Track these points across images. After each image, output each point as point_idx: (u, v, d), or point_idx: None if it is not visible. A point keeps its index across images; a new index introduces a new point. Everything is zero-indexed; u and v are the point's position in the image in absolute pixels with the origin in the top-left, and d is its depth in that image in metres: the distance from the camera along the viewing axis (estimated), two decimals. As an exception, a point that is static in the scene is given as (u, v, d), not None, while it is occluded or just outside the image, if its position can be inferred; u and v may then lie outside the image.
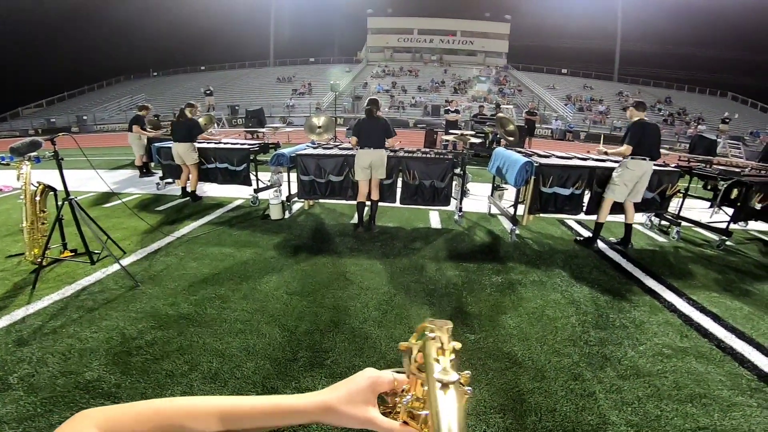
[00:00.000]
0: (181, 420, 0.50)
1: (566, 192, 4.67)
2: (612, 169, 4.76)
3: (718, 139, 18.21)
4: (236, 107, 26.11)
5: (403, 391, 0.54)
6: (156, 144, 6.97)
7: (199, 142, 6.30)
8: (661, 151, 4.67)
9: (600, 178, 4.77)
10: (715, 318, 3.29)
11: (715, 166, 5.58)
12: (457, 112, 13.08)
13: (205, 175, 6.41)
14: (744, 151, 21.51)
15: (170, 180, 7.26)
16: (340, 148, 5.74)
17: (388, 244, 4.63)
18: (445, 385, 0.43)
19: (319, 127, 6.51)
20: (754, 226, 5.84)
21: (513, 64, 44.60)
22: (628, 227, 4.81)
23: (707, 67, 42.11)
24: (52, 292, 3.32)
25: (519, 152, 5.29)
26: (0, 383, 2.26)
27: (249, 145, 6.30)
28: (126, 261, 3.94)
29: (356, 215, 5.09)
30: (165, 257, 4.08)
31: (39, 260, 3.57)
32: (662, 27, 47.04)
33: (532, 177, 4.56)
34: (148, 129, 8.47)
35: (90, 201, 6.24)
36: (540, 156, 5.17)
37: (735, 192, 5.17)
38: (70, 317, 2.94)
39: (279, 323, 2.92)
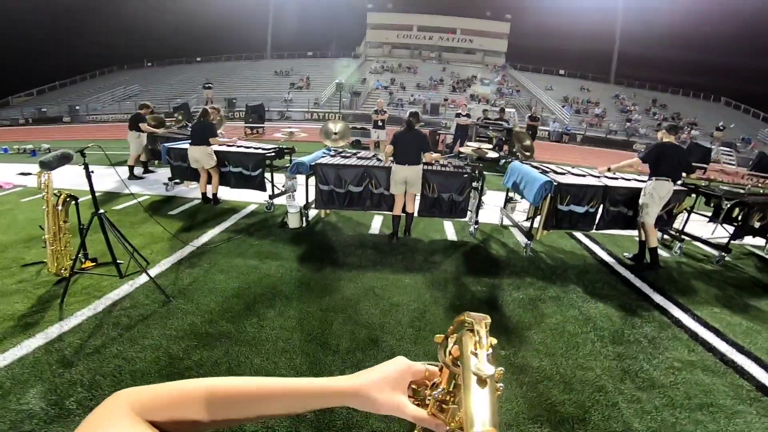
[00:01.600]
0: (216, 401, 0.51)
1: (581, 210, 4.83)
2: (625, 188, 4.96)
3: (712, 146, 18.59)
4: (234, 100, 25.92)
5: (434, 384, 0.54)
6: (167, 144, 6.94)
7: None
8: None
9: (613, 197, 4.96)
10: (718, 333, 3.57)
11: (713, 176, 5.80)
12: (468, 116, 13.09)
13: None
14: (736, 158, 22.00)
15: (178, 181, 7.24)
16: (359, 157, 5.81)
17: (408, 257, 4.74)
18: (481, 380, 0.43)
19: (335, 133, 6.55)
20: (749, 240, 6.10)
21: (511, 64, 44.74)
22: (644, 244, 4.97)
23: (702, 71, 42.66)
24: (83, 307, 3.30)
25: (535, 167, 5.41)
26: (58, 409, 2.26)
27: (265, 150, 6.32)
28: (152, 272, 3.94)
29: (373, 224, 5.16)
30: (190, 269, 4.12)
31: (64, 271, 3.53)
32: (659, 30, 47.50)
33: (549, 195, 4.70)
34: (151, 125, 8.31)
35: (98, 200, 6.23)
36: (556, 173, 5.29)
37: (737, 211, 5.43)
38: (109, 335, 2.96)
39: (319, 342, 3.02)
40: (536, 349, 3.10)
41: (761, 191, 5.87)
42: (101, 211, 3.48)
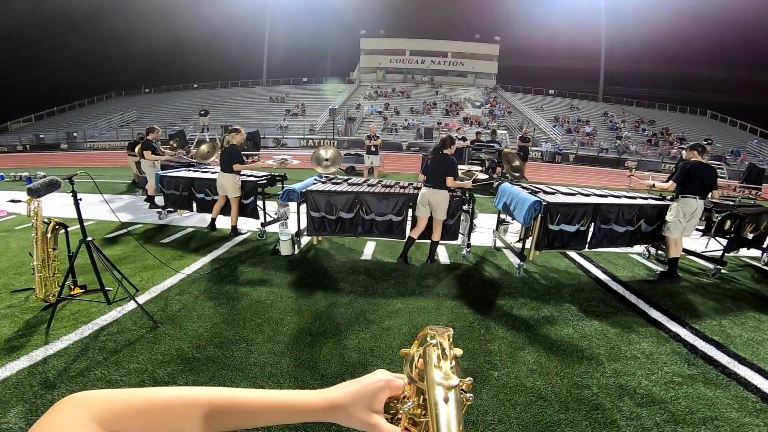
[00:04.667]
0: (178, 412, 0.48)
1: (572, 229, 4.84)
2: (616, 205, 5.02)
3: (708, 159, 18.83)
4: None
5: (404, 397, 0.55)
6: (160, 172, 6.97)
7: (213, 172, 6.29)
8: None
9: (604, 215, 4.99)
10: (718, 345, 3.53)
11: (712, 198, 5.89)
12: (464, 139, 13.26)
13: (208, 206, 6.44)
14: (726, 171, 22.30)
15: (172, 209, 7.21)
16: (350, 183, 5.85)
17: (401, 281, 4.71)
18: (445, 390, 0.43)
19: (326, 159, 6.62)
20: (745, 252, 6.15)
21: (502, 85, 45.62)
22: (673, 261, 5.00)
23: (685, 85, 43.74)
24: (70, 332, 3.31)
25: (524, 188, 5.46)
26: None
27: (257, 177, 6.35)
28: (140, 299, 3.93)
29: (365, 250, 5.15)
30: (180, 296, 4.09)
31: (52, 297, 3.54)
32: (641, 46, 48.73)
33: (540, 215, 4.72)
34: (164, 150, 8.26)
35: (89, 229, 6.23)
36: (546, 193, 5.34)
37: (728, 223, 5.47)
38: (94, 359, 2.95)
39: (308, 366, 2.98)
40: (530, 369, 3.05)
41: (752, 202, 5.94)
42: (89, 238, 3.49)
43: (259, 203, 6.24)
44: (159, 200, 7.97)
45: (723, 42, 45.96)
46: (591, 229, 5.03)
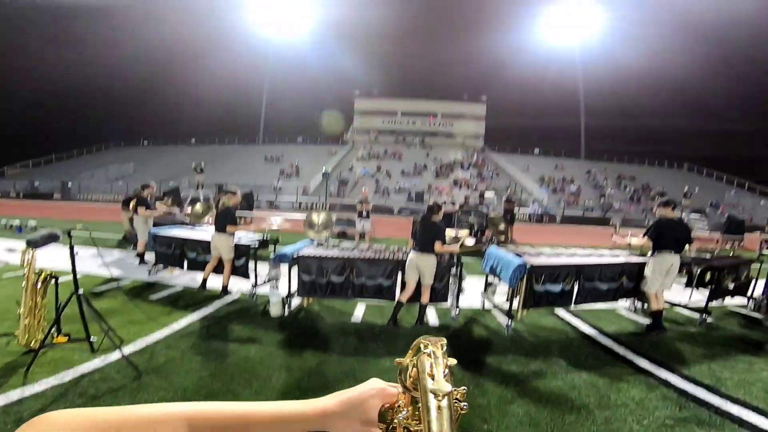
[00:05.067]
0: (162, 429, 0.46)
1: (557, 288, 5.01)
2: (598, 265, 5.28)
3: (681, 213, 19.50)
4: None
5: (399, 407, 0.55)
6: (153, 230, 7.06)
7: (206, 232, 6.41)
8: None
9: (588, 274, 5.20)
10: (709, 388, 3.60)
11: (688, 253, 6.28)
12: (453, 204, 13.49)
13: (200, 266, 6.48)
14: (708, 223, 22.99)
15: (163, 267, 7.21)
16: (341, 248, 5.98)
17: (391, 342, 4.72)
18: (438, 398, 0.44)
19: (319, 224, 6.81)
20: (730, 301, 6.38)
21: (490, 146, 47.35)
22: (656, 313, 5.14)
23: (664, 139, 45.77)
24: (49, 376, 3.30)
25: (510, 251, 5.66)
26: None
27: (249, 239, 6.46)
28: (126, 350, 3.89)
29: (356, 312, 5.18)
30: (167, 350, 4.07)
31: (34, 343, 3.55)
32: (620, 102, 51.34)
33: (525, 276, 4.90)
34: (158, 206, 8.32)
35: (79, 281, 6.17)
36: (530, 255, 5.53)
37: (708, 275, 5.75)
38: (72, 403, 2.94)
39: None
40: (520, 421, 3.07)
41: (730, 254, 6.30)
42: (80, 291, 3.54)
43: (251, 265, 6.29)
44: (149, 257, 7.94)
45: (695, 95, 48.93)
46: (576, 288, 5.21)
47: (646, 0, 48.38)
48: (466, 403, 0.49)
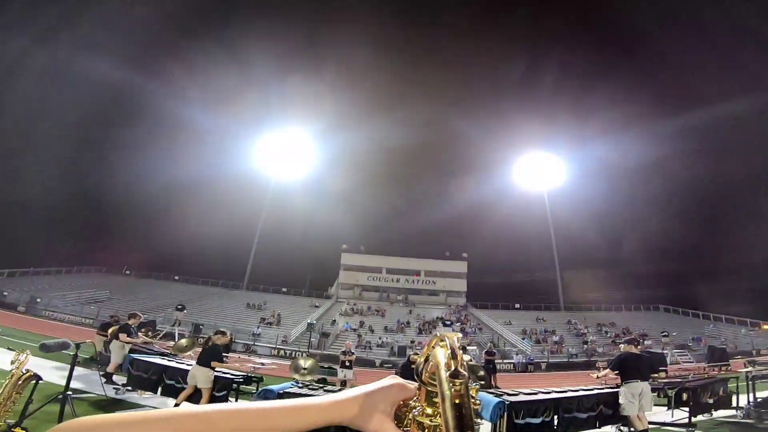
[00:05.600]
0: (227, 425, 0.48)
1: (537, 421, 5.24)
2: (575, 397, 5.75)
3: (664, 351, 19.69)
4: (201, 326, 25.85)
5: (415, 401, 0.55)
6: (133, 355, 7.30)
7: (188, 364, 6.55)
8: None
9: (566, 406, 5.54)
10: None
11: (660, 379, 6.75)
12: None
13: (176, 393, 6.44)
14: (693, 356, 22.84)
15: (131, 389, 7.36)
16: (325, 390, 6.10)
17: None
18: (456, 386, 0.44)
19: (305, 368, 6.97)
20: (720, 413, 6.80)
21: (472, 302, 47.63)
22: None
23: (638, 284, 46.70)
24: None
25: (491, 393, 5.99)
26: None
27: (234, 375, 6.52)
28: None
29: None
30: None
31: None
32: (591, 252, 53.51)
33: (505, 413, 5.11)
34: (140, 335, 8.65)
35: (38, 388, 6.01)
36: (509, 395, 5.84)
37: (685, 395, 6.19)
38: None
39: None
40: None
41: (705, 376, 6.99)
42: (69, 392, 3.71)
43: (232, 399, 6.25)
44: (117, 378, 8.09)
45: (660, 238, 51.86)
46: (556, 419, 5.45)
47: (603, 152, 54.83)
48: (480, 400, 0.51)
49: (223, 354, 14.09)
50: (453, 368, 0.45)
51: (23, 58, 43.86)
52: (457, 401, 0.43)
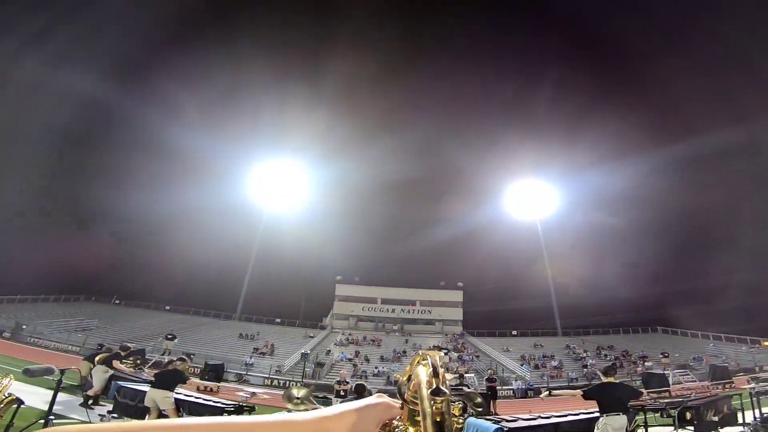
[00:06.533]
0: None
1: (538, 443, 5.11)
2: (572, 422, 5.70)
3: (665, 372, 19.47)
4: (192, 356, 25.26)
5: (398, 419, 0.55)
6: (120, 383, 7.31)
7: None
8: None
9: (564, 430, 5.51)
10: None
11: (662, 398, 6.64)
12: None
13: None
14: (695, 375, 22.49)
15: (116, 415, 7.24)
16: None
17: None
18: (437, 403, 0.44)
19: (298, 398, 6.80)
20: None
21: (468, 331, 47.09)
22: None
23: (636, 307, 46.51)
24: None
25: (489, 419, 5.94)
26: None
27: (224, 404, 6.37)
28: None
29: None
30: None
31: None
32: (586, 275, 53.30)
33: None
34: (126, 362, 8.51)
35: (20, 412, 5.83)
36: (507, 421, 5.81)
37: (688, 414, 6.09)
38: None
39: None
40: None
41: (708, 394, 6.72)
42: (51, 417, 3.79)
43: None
44: (101, 402, 8.13)
45: (651, 263, 52.09)
46: None
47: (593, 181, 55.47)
48: (461, 419, 0.51)
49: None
50: (434, 386, 0.45)
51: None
52: (438, 419, 0.43)
